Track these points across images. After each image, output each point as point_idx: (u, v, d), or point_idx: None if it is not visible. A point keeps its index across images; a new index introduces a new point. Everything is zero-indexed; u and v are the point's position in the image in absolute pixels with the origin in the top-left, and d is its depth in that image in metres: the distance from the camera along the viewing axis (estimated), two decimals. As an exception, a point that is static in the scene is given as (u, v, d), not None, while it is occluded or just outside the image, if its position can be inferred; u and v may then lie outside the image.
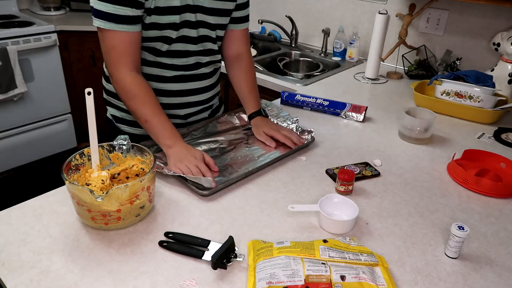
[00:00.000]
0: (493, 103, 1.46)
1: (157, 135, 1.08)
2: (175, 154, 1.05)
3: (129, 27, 1.04)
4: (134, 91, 1.08)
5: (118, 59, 1.06)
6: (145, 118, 1.08)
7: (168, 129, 1.08)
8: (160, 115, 1.09)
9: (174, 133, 1.09)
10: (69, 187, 0.82)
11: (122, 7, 1.00)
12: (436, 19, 1.94)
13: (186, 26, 1.13)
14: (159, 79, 1.20)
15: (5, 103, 2.45)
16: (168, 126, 1.09)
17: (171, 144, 1.06)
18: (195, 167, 1.02)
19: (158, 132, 1.08)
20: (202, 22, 1.16)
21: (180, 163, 1.03)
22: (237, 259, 0.79)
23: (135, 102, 1.08)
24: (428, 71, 1.93)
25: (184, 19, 1.11)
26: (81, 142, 2.98)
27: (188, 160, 1.03)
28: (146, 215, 0.91)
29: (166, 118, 1.10)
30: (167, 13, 1.07)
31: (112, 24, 1.02)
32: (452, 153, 1.22)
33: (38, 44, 2.47)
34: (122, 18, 1.02)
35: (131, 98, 1.08)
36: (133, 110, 1.09)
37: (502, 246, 0.88)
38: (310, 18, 2.42)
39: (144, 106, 1.08)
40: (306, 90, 1.72)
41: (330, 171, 1.11)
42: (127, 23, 1.03)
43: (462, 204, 1.02)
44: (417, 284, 0.77)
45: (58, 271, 0.76)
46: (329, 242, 0.82)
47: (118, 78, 1.08)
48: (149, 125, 1.08)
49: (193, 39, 1.17)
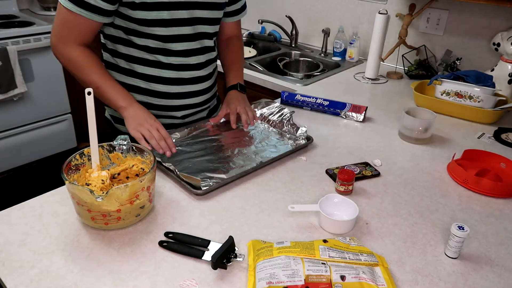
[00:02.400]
0: (493, 103, 1.46)
1: (111, 99, 1.07)
2: (133, 116, 1.02)
3: (92, 16, 1.01)
4: (80, 62, 1.06)
5: (68, 36, 1.05)
6: (95, 85, 1.06)
7: (121, 92, 1.08)
8: (110, 80, 1.09)
9: (127, 95, 1.08)
10: (69, 187, 0.82)
11: None
12: (436, 19, 1.94)
13: (178, 23, 1.11)
14: (157, 80, 1.19)
15: (5, 103, 2.45)
16: (120, 89, 1.08)
17: (126, 105, 1.05)
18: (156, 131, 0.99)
19: (111, 96, 1.07)
20: (198, 19, 1.15)
21: (141, 126, 1.00)
22: (237, 259, 0.79)
23: (83, 71, 1.07)
24: (428, 71, 1.93)
25: (175, 16, 1.09)
26: (81, 142, 2.98)
27: (149, 124, 1.01)
28: (146, 215, 0.91)
29: (116, 83, 1.10)
30: (155, 9, 1.05)
31: (75, 7, 0.99)
32: (452, 153, 1.22)
33: (38, 44, 2.47)
34: (89, 6, 0.99)
35: (78, 68, 1.07)
36: (82, 80, 1.08)
37: (502, 246, 0.88)
38: (310, 18, 2.42)
39: (92, 74, 1.07)
40: (306, 90, 1.72)
41: (330, 171, 1.11)
42: (92, 11, 1.01)
43: (462, 204, 1.02)
44: (417, 284, 0.77)
45: (58, 271, 0.76)
46: (329, 242, 0.82)
47: (64, 52, 1.06)
48: (101, 91, 1.07)
49: (189, 37, 1.16)
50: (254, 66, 2.06)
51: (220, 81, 1.50)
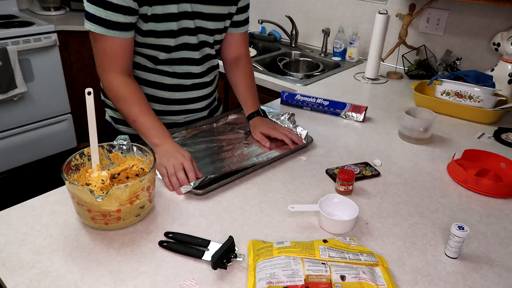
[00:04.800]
0: (493, 103, 1.46)
1: (146, 134, 1.07)
2: (162, 153, 1.03)
3: (120, 33, 1.03)
4: (121, 92, 1.08)
5: (109, 64, 1.07)
6: (133, 118, 1.07)
7: (156, 128, 1.07)
8: (148, 114, 1.08)
9: (162, 132, 1.07)
10: (69, 187, 0.82)
11: (114, 13, 0.99)
12: (436, 19, 1.94)
13: (185, 33, 1.12)
14: (159, 86, 1.20)
15: (5, 103, 2.45)
16: (156, 125, 1.08)
17: (159, 143, 1.05)
18: (179, 165, 0.99)
19: (146, 131, 1.07)
20: (201, 28, 1.15)
21: (166, 160, 1.01)
22: (237, 259, 0.79)
23: (123, 102, 1.08)
24: (428, 71, 1.93)
25: (183, 26, 1.11)
26: (81, 142, 2.98)
27: (174, 157, 1.01)
28: (146, 215, 0.91)
29: (154, 117, 1.09)
30: (165, 20, 1.07)
31: (103, 29, 1.01)
32: (452, 153, 1.22)
33: (38, 44, 2.46)
34: (114, 24, 1.01)
35: (118, 99, 1.09)
36: (121, 110, 1.09)
37: (502, 246, 0.88)
38: (310, 18, 2.42)
39: (132, 105, 1.08)
40: (306, 90, 1.72)
41: (330, 171, 1.11)
42: (118, 29, 1.02)
43: (462, 204, 1.02)
44: (417, 284, 0.77)
45: (58, 271, 0.76)
46: (329, 242, 0.82)
47: (107, 82, 1.08)
48: (137, 125, 1.07)
49: (193, 46, 1.17)
50: (254, 66, 2.05)
51: (222, 81, 1.50)
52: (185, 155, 1.03)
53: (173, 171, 0.99)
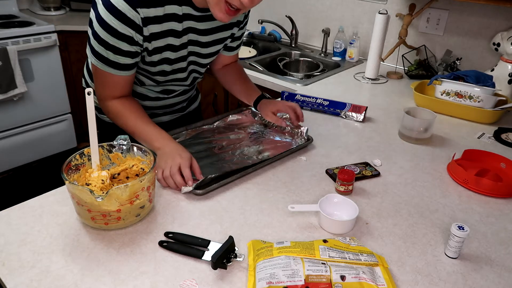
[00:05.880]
0: (493, 103, 1.46)
1: (146, 141, 1.08)
2: (161, 155, 1.03)
3: (126, 72, 1.05)
4: (115, 110, 1.10)
5: (109, 94, 1.09)
6: (131, 131, 1.09)
7: (155, 133, 1.08)
8: (143, 122, 1.09)
9: (162, 135, 1.08)
10: (69, 187, 0.82)
11: (122, 57, 1.00)
12: (436, 19, 1.94)
13: (180, 60, 1.14)
14: (143, 98, 1.23)
15: (5, 103, 2.45)
16: (154, 130, 1.08)
17: (160, 146, 1.05)
18: (176, 166, 0.99)
19: (145, 139, 1.08)
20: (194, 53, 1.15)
21: (164, 162, 1.01)
22: (237, 259, 0.79)
23: (120, 119, 1.10)
24: (428, 71, 1.93)
25: (180, 55, 1.12)
26: (81, 142, 2.98)
27: (172, 159, 1.01)
28: (146, 215, 0.91)
29: (151, 124, 1.10)
30: (164, 51, 1.07)
31: (110, 69, 1.02)
32: (452, 153, 1.22)
33: (38, 44, 2.47)
34: (121, 66, 1.02)
35: (114, 117, 1.11)
36: (121, 126, 1.11)
37: (502, 246, 0.88)
38: (310, 18, 2.42)
39: (128, 120, 1.09)
40: (306, 90, 1.72)
41: (330, 171, 1.11)
42: (125, 69, 1.04)
43: (462, 204, 1.02)
44: (417, 284, 0.77)
45: (58, 271, 0.76)
46: (329, 242, 0.82)
47: (106, 106, 1.10)
48: (137, 136, 1.09)
49: (183, 69, 1.17)
50: (254, 66, 2.06)
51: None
52: (183, 155, 1.02)
53: (169, 173, 0.99)
